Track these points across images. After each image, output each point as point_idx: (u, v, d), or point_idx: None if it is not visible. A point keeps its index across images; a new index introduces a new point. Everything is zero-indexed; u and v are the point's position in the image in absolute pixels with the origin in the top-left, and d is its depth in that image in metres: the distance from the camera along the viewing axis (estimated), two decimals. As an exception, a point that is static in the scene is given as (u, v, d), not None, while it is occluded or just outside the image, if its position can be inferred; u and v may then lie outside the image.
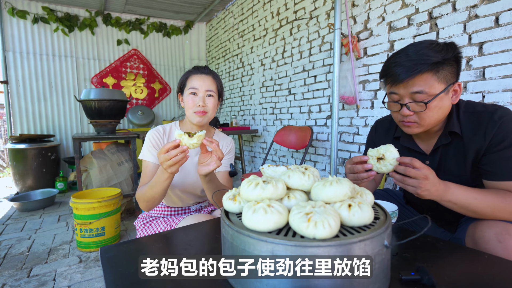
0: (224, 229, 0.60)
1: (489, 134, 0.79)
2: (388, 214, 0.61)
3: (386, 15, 1.92)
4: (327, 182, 0.59)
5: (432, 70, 0.77)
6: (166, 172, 0.90)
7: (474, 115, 0.84)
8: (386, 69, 0.84)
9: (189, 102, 1.08)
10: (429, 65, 0.76)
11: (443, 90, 0.79)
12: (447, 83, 0.80)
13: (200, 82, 1.09)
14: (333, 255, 0.48)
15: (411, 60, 0.78)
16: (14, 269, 1.71)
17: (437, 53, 0.77)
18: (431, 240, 0.77)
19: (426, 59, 0.76)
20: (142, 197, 1.01)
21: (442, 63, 0.77)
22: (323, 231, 0.48)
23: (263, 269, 0.50)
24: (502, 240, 0.72)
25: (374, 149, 0.80)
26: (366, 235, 0.50)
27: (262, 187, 0.60)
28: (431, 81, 0.78)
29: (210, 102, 1.10)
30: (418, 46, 0.80)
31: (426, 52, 0.77)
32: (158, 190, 0.96)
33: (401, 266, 0.64)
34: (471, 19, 1.48)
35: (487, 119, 0.80)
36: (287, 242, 0.48)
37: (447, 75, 0.79)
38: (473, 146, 0.83)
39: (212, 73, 1.14)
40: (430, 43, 0.80)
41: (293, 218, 0.52)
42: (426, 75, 0.78)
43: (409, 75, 0.78)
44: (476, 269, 0.62)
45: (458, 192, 0.77)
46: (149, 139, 1.11)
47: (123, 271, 0.65)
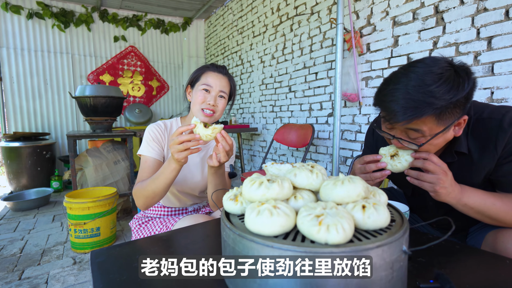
0: (224, 232, 0.54)
1: (500, 145, 0.71)
2: (404, 216, 0.56)
3: (390, 9, 1.87)
4: (338, 181, 0.54)
5: (434, 114, 0.64)
6: (173, 162, 0.86)
7: (482, 123, 0.74)
8: (381, 102, 0.71)
9: (199, 98, 1.03)
10: (432, 109, 0.63)
11: (442, 130, 0.67)
12: (448, 123, 0.67)
13: (216, 81, 1.05)
14: (347, 262, 0.42)
15: (411, 100, 0.64)
16: (5, 272, 1.65)
17: (445, 94, 0.62)
18: (446, 243, 0.72)
19: (429, 102, 0.62)
20: (141, 192, 0.95)
21: (448, 106, 0.63)
22: (337, 236, 0.43)
23: (263, 269, 0.45)
24: None
25: (386, 147, 0.75)
26: (383, 240, 0.45)
27: (266, 187, 0.54)
28: (430, 123, 0.67)
29: (221, 103, 1.07)
30: (423, 78, 0.64)
31: (431, 91, 0.62)
32: (161, 184, 0.90)
33: (417, 272, 0.59)
34: (479, 12, 1.43)
35: (496, 128, 0.71)
36: (296, 248, 0.43)
37: (452, 117, 0.66)
38: (484, 160, 0.74)
39: (229, 74, 1.11)
40: (439, 74, 0.63)
41: (302, 221, 0.47)
42: (426, 118, 0.65)
43: (406, 119, 0.65)
44: (499, 276, 0.57)
45: (475, 195, 0.71)
46: (149, 133, 1.06)
47: (115, 277, 0.60)
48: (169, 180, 0.90)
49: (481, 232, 0.82)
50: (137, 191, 0.97)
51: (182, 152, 0.82)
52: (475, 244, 0.83)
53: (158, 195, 0.94)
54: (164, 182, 0.90)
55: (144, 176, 1.01)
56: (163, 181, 0.90)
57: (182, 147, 0.81)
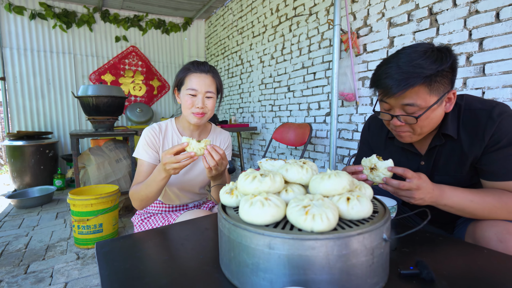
0: (221, 223, 0.59)
1: (488, 134, 0.77)
2: (387, 208, 0.60)
3: (386, 11, 1.91)
4: (326, 175, 0.59)
5: (425, 83, 0.73)
6: (164, 172, 0.91)
7: (472, 113, 0.81)
8: (377, 80, 0.79)
9: (187, 102, 1.05)
10: (422, 78, 0.72)
11: (436, 102, 0.75)
12: (440, 94, 0.75)
13: (200, 83, 1.05)
14: (330, 248, 0.47)
15: (403, 72, 0.73)
16: (11, 266, 1.70)
17: (431, 64, 0.72)
18: (430, 235, 0.76)
19: (419, 72, 0.71)
20: (136, 196, 1.01)
21: (435, 75, 0.72)
22: (321, 224, 0.48)
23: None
24: (503, 240, 0.70)
25: (367, 158, 0.79)
26: (364, 228, 0.49)
27: (259, 181, 0.59)
28: (423, 94, 0.74)
29: (209, 103, 1.07)
30: (411, 55, 0.74)
31: (419, 64, 0.72)
32: (153, 189, 0.96)
33: (400, 261, 0.63)
34: (471, 14, 1.47)
35: (485, 118, 0.77)
36: (285, 235, 0.48)
37: (440, 87, 0.75)
38: (472, 147, 0.80)
39: (211, 70, 1.09)
40: (423, 51, 0.74)
41: (291, 211, 0.52)
42: (418, 88, 0.73)
43: (401, 89, 0.73)
44: (476, 264, 0.61)
45: (453, 196, 0.75)
46: (144, 138, 1.09)
47: (119, 266, 0.64)
48: (161, 186, 0.96)
49: (465, 224, 0.87)
50: (132, 194, 1.03)
51: (177, 169, 0.88)
52: (461, 235, 0.87)
53: (151, 199, 1.00)
54: (156, 188, 0.96)
55: (139, 179, 1.06)
56: (155, 188, 0.96)
57: (178, 166, 0.86)
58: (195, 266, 0.63)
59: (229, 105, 4.18)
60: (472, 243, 0.79)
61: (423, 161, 0.92)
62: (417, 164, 0.93)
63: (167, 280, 0.57)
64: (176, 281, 0.57)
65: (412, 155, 0.94)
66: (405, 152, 0.95)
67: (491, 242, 0.72)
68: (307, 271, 0.47)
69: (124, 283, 0.57)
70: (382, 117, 0.86)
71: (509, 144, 0.75)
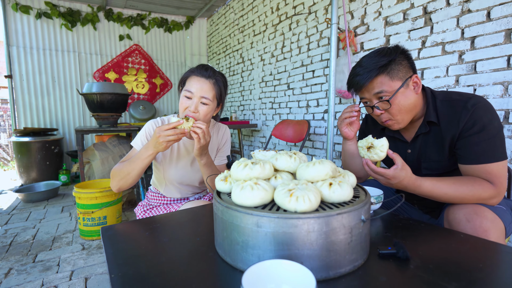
0: (215, 207, 0.65)
1: (462, 121, 0.84)
2: (368, 194, 0.65)
3: (382, 10, 1.95)
4: (311, 163, 0.64)
5: (382, 72, 0.88)
6: (152, 149, 0.97)
7: (450, 103, 0.90)
8: (349, 81, 0.96)
9: (182, 104, 1.07)
10: (377, 69, 0.87)
11: (401, 85, 0.88)
12: (402, 79, 0.88)
13: (197, 87, 1.04)
14: (311, 226, 0.52)
15: (364, 68, 0.90)
16: (20, 255, 1.78)
17: (383, 57, 0.88)
18: (414, 222, 0.81)
19: (375, 65, 0.88)
20: (117, 172, 1.04)
21: (389, 64, 0.87)
22: (303, 204, 0.53)
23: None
24: (470, 219, 0.78)
25: (364, 139, 0.85)
26: (343, 209, 0.55)
27: (250, 168, 0.64)
28: (385, 81, 0.88)
29: (202, 110, 1.05)
30: (369, 56, 0.91)
31: (374, 60, 0.88)
32: (136, 166, 1.00)
33: (381, 243, 0.68)
34: (464, 13, 1.51)
35: (461, 107, 0.86)
36: (271, 215, 0.53)
37: (399, 72, 0.88)
38: (449, 133, 0.88)
39: (214, 77, 1.07)
40: (377, 51, 0.91)
41: (277, 194, 0.57)
42: (380, 77, 0.88)
43: (365, 81, 0.89)
44: (449, 246, 0.67)
45: (429, 189, 0.84)
46: (145, 130, 1.13)
47: (123, 246, 0.70)
48: (144, 165, 1.01)
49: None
50: (113, 171, 1.06)
51: (171, 141, 0.95)
52: (442, 219, 0.93)
53: (131, 178, 1.03)
54: (140, 165, 1.00)
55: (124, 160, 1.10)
56: (139, 165, 1.00)
57: (173, 138, 0.94)
58: (192, 247, 0.68)
59: (230, 103, 4.24)
60: (447, 225, 0.86)
61: (410, 149, 1.00)
62: (405, 152, 1.01)
63: (166, 259, 0.63)
64: (174, 259, 0.63)
65: (400, 143, 1.03)
66: (395, 140, 1.04)
67: (461, 222, 0.80)
68: (290, 247, 0.53)
69: (128, 260, 0.63)
70: (366, 111, 0.99)
71: (479, 131, 0.82)
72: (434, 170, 0.95)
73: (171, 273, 0.57)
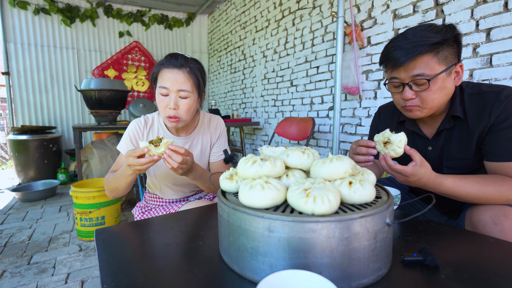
0: (220, 208, 0.58)
1: (494, 114, 0.77)
2: (391, 194, 0.59)
3: (390, 2, 1.88)
4: (327, 159, 0.57)
5: (432, 51, 0.76)
6: (130, 170, 0.88)
7: (480, 96, 0.82)
8: (386, 54, 0.83)
9: (160, 104, 0.95)
10: (429, 46, 0.75)
11: (445, 69, 0.78)
12: (448, 64, 0.78)
13: (171, 80, 0.92)
14: (332, 231, 0.46)
15: (410, 42, 0.77)
16: (14, 257, 1.71)
17: (436, 34, 0.76)
18: (435, 225, 0.75)
19: (425, 40, 0.75)
20: (107, 185, 1.00)
21: (442, 44, 0.76)
22: (322, 206, 0.46)
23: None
24: (498, 222, 0.71)
25: (381, 133, 0.78)
26: (367, 212, 0.48)
27: (259, 164, 0.58)
28: (431, 62, 0.77)
29: (183, 104, 0.95)
30: (416, 29, 0.79)
31: (425, 34, 0.76)
32: (122, 183, 0.95)
33: (404, 248, 0.62)
34: (478, 4, 1.43)
35: (493, 99, 0.78)
36: (285, 218, 0.46)
37: (448, 56, 0.78)
38: (478, 128, 0.81)
39: (187, 65, 0.95)
40: (428, 25, 0.79)
41: (291, 194, 0.50)
42: (427, 57, 0.77)
43: (410, 58, 0.77)
44: (481, 252, 0.60)
45: (452, 187, 0.76)
46: (128, 132, 1.05)
47: (118, 251, 0.64)
48: (129, 181, 0.94)
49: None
50: (105, 182, 1.02)
51: (141, 170, 0.85)
52: (463, 221, 0.86)
53: (121, 191, 0.98)
54: (125, 182, 0.94)
55: (115, 170, 1.04)
56: (123, 182, 0.94)
57: (141, 168, 0.83)
58: (194, 252, 0.62)
59: (231, 101, 4.17)
60: (470, 227, 0.79)
61: (431, 146, 0.92)
62: (425, 150, 0.93)
63: (165, 265, 0.56)
64: (174, 266, 0.56)
65: (420, 139, 0.94)
66: (414, 136, 0.96)
67: (487, 225, 0.73)
68: (307, 255, 0.46)
69: (123, 266, 0.56)
70: (391, 90, 0.88)
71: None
72: (457, 169, 0.87)
73: (171, 283, 0.50)
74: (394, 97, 0.89)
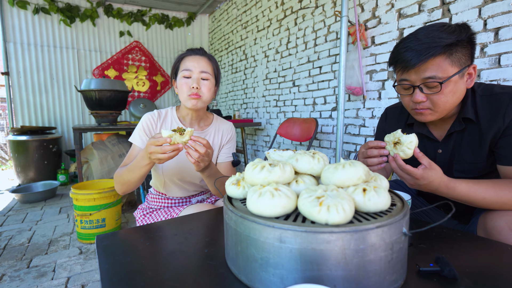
0: (227, 215, 0.55)
1: (509, 116, 0.74)
2: (405, 201, 0.56)
3: (395, 1, 1.85)
4: (339, 165, 0.55)
5: (445, 53, 0.72)
6: (147, 159, 0.87)
7: (493, 97, 0.79)
8: (396, 55, 0.79)
9: (182, 86, 1.02)
10: (442, 47, 0.72)
11: (458, 72, 0.74)
12: (461, 66, 0.75)
13: (193, 63, 1.02)
14: (347, 242, 0.43)
15: (422, 43, 0.73)
16: (14, 260, 1.69)
17: (450, 35, 0.72)
18: (448, 231, 0.72)
19: (438, 42, 0.72)
20: (118, 179, 0.98)
21: (455, 45, 0.72)
22: (337, 216, 0.44)
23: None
24: None
25: (392, 133, 0.75)
26: (384, 221, 0.45)
27: (268, 170, 0.55)
28: (444, 65, 0.73)
29: (204, 85, 1.03)
30: (428, 29, 0.75)
31: (437, 35, 0.72)
32: (135, 175, 0.93)
33: (418, 257, 0.59)
34: (486, 3, 1.41)
35: (507, 100, 0.76)
36: (297, 228, 0.44)
37: (461, 58, 0.74)
38: (491, 130, 0.78)
39: (207, 54, 1.07)
40: (441, 25, 0.75)
41: (303, 202, 0.48)
42: (439, 59, 0.73)
43: (421, 60, 0.73)
44: (499, 261, 0.57)
45: (466, 192, 0.73)
46: (141, 123, 1.07)
47: (119, 259, 0.61)
48: (144, 173, 0.92)
49: (479, 215, 0.83)
50: (116, 176, 1.00)
51: (162, 160, 0.83)
52: (474, 226, 0.84)
53: (132, 184, 0.96)
54: (139, 174, 0.92)
55: (127, 163, 1.03)
56: (137, 173, 0.92)
57: (163, 156, 0.81)
58: (199, 261, 0.59)
59: (232, 101, 4.14)
60: (484, 233, 0.76)
61: (441, 149, 0.89)
62: (435, 152, 0.91)
63: (169, 275, 0.54)
64: (179, 276, 0.54)
65: (429, 142, 0.92)
66: (423, 139, 0.93)
67: (503, 231, 0.70)
68: (321, 267, 0.44)
69: (124, 277, 0.54)
70: (401, 92, 0.84)
71: None
72: (468, 173, 0.84)
73: (176, 297, 0.48)
74: (403, 99, 0.85)
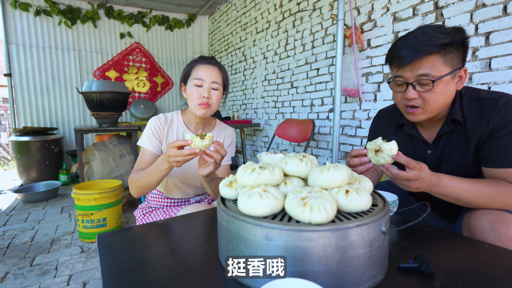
0: (219, 215, 0.59)
1: (493, 121, 0.78)
2: (387, 201, 0.60)
3: (390, 5, 1.88)
4: (325, 168, 0.58)
5: (440, 52, 0.76)
6: (167, 163, 0.90)
7: (479, 102, 0.82)
8: (393, 52, 0.82)
9: (193, 94, 1.05)
10: (437, 46, 0.75)
11: (450, 72, 0.77)
12: (453, 67, 0.78)
13: (206, 73, 1.05)
14: (328, 240, 0.47)
15: (419, 41, 0.76)
16: (17, 258, 1.73)
17: (446, 35, 0.75)
18: (432, 230, 0.76)
19: (434, 41, 0.75)
20: (136, 183, 1.01)
21: (450, 46, 0.76)
22: (319, 215, 0.47)
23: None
24: (495, 227, 0.72)
25: (373, 141, 0.78)
26: (363, 221, 0.49)
27: (258, 173, 0.59)
28: (438, 64, 0.76)
29: (214, 95, 1.07)
30: (426, 29, 0.78)
31: (434, 34, 0.75)
32: (154, 179, 0.96)
33: (400, 255, 0.63)
34: (478, 8, 1.44)
35: (492, 106, 0.79)
36: (282, 227, 0.48)
37: (454, 59, 0.78)
38: (476, 134, 0.81)
39: (218, 64, 1.11)
40: (438, 26, 0.78)
41: (289, 203, 0.51)
42: (434, 58, 0.76)
43: (417, 57, 0.76)
44: (476, 259, 0.61)
45: (449, 185, 0.76)
46: (149, 127, 1.10)
47: (119, 257, 0.65)
48: (162, 176, 0.96)
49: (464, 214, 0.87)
50: (131, 181, 1.03)
51: (181, 162, 0.86)
52: (460, 225, 0.87)
53: (151, 187, 1.00)
54: (158, 177, 0.95)
55: (140, 167, 1.06)
56: (156, 177, 0.95)
57: (182, 159, 0.85)
58: (194, 258, 0.63)
59: (232, 102, 4.18)
60: (467, 232, 0.80)
61: (430, 150, 0.92)
62: (424, 153, 0.94)
63: (166, 271, 0.58)
64: (175, 272, 0.57)
65: (419, 143, 0.95)
66: (413, 140, 0.96)
67: (484, 230, 0.73)
68: (304, 263, 0.47)
69: (124, 273, 0.57)
70: (395, 89, 0.87)
71: (511, 132, 0.75)
72: (455, 173, 0.87)
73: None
74: (396, 96, 0.88)
